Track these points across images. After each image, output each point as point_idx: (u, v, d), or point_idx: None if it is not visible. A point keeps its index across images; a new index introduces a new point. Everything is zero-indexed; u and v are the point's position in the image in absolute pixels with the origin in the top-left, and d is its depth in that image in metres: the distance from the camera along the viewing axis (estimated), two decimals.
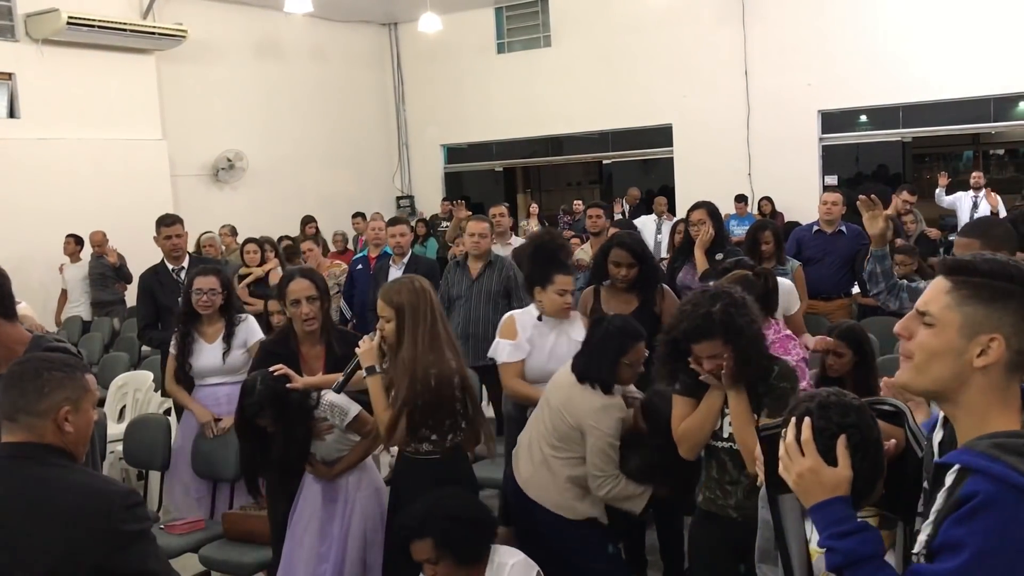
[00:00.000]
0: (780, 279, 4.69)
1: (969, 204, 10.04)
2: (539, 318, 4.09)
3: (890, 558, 1.63)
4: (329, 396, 3.45)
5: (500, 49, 14.32)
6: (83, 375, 2.16)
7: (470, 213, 10.35)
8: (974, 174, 10.41)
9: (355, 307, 7.10)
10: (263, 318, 5.17)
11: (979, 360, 1.51)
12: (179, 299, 4.98)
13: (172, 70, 11.48)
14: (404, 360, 3.14)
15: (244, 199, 11.97)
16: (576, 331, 3.99)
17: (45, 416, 2.06)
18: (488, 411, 5.94)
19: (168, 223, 6.04)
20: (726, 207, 10.84)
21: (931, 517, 1.53)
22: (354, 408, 3.46)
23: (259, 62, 12.75)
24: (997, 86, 10.77)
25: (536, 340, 4.07)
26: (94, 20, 10.20)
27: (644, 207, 13.67)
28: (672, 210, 11.90)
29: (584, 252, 7.29)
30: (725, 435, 2.98)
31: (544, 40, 13.86)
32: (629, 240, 4.44)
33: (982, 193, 9.93)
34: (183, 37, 11.16)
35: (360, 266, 7.29)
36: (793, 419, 1.75)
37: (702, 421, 2.97)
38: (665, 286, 4.60)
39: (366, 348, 3.23)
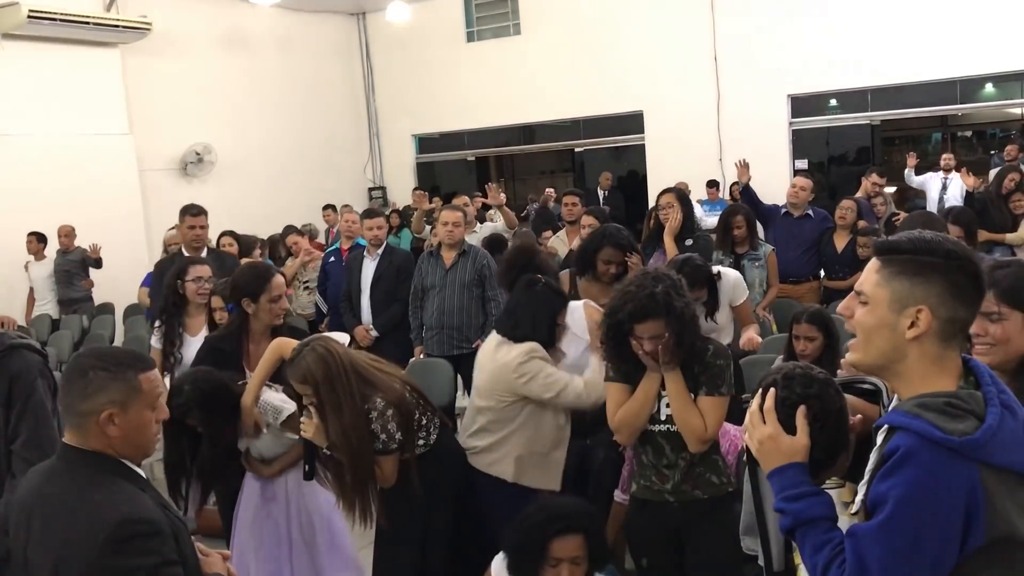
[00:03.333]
0: (728, 270, 4.74)
1: (939, 186, 10.15)
2: None
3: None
4: (265, 395, 3.43)
5: (470, 38, 14.25)
6: (137, 374, 2.00)
7: (432, 204, 10.33)
8: (944, 156, 10.52)
9: (329, 300, 7.08)
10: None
11: (910, 332, 1.60)
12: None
13: (137, 63, 11.31)
14: (337, 437, 3.04)
15: (214, 193, 11.81)
16: (577, 325, 3.85)
17: (88, 418, 1.94)
18: (463, 400, 5.95)
19: (194, 213, 5.91)
20: (698, 192, 10.91)
21: (866, 477, 1.62)
22: (288, 407, 3.42)
23: (226, 54, 12.60)
24: (963, 69, 10.86)
25: None
26: (56, 13, 10.01)
27: (619, 193, 13.70)
28: (644, 197, 11.94)
29: (560, 240, 7.30)
30: (662, 417, 3.00)
31: (514, 28, 13.82)
32: (620, 238, 4.37)
33: (952, 175, 10.05)
34: (148, 30, 11.00)
35: (332, 259, 7.26)
36: (760, 390, 1.83)
37: (640, 406, 3.00)
38: None
39: (311, 429, 3.13)
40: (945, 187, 10.04)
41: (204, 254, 5.82)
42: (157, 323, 4.76)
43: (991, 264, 2.36)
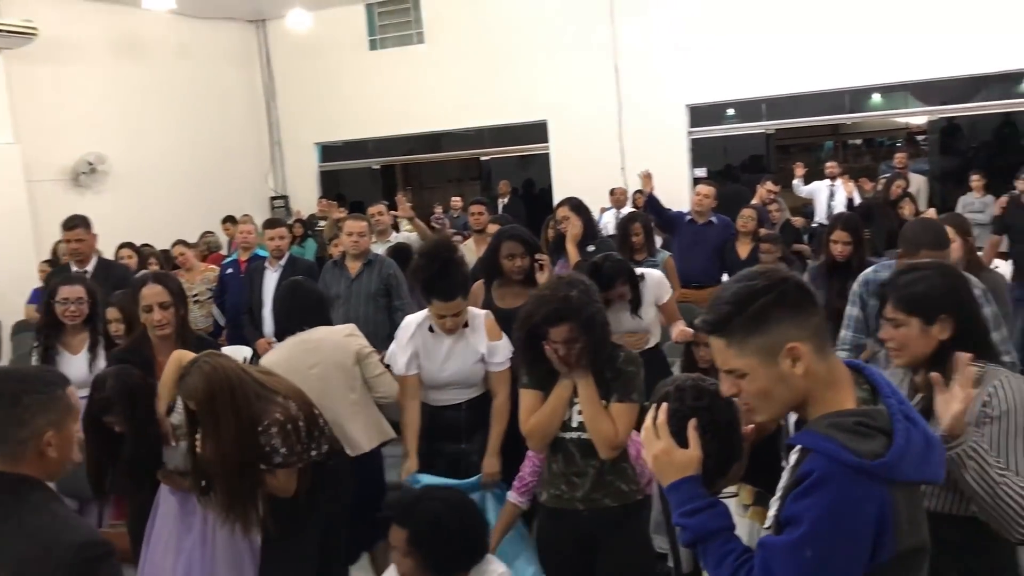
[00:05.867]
0: (650, 270, 4.83)
1: (826, 193, 10.56)
2: (431, 328, 3.92)
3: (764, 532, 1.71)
4: (178, 404, 3.34)
5: (373, 46, 14.15)
6: (64, 390, 1.96)
7: (344, 212, 10.21)
8: (828, 164, 10.95)
9: (227, 312, 6.92)
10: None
11: (797, 368, 1.63)
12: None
13: (23, 70, 10.83)
14: (211, 456, 2.97)
15: (108, 204, 11.41)
16: (476, 336, 3.86)
17: (26, 443, 1.86)
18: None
19: (68, 226, 5.85)
20: (602, 200, 11.06)
21: (778, 493, 1.65)
22: None
23: (119, 61, 12.18)
24: (852, 79, 11.31)
25: (432, 351, 3.92)
26: None
27: (522, 202, 13.79)
28: (550, 205, 12.03)
29: (467, 248, 7.31)
30: (574, 424, 3.02)
31: (417, 37, 13.77)
32: (518, 232, 4.46)
33: (838, 182, 10.47)
34: (34, 35, 10.54)
35: (230, 270, 7.09)
36: (655, 404, 1.86)
37: (552, 412, 3.01)
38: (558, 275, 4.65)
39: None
40: (832, 194, 10.45)
41: (91, 266, 5.68)
42: (35, 343, 4.67)
43: (895, 271, 2.46)
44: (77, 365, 4.39)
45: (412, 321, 3.99)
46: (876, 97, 12.13)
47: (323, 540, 3.38)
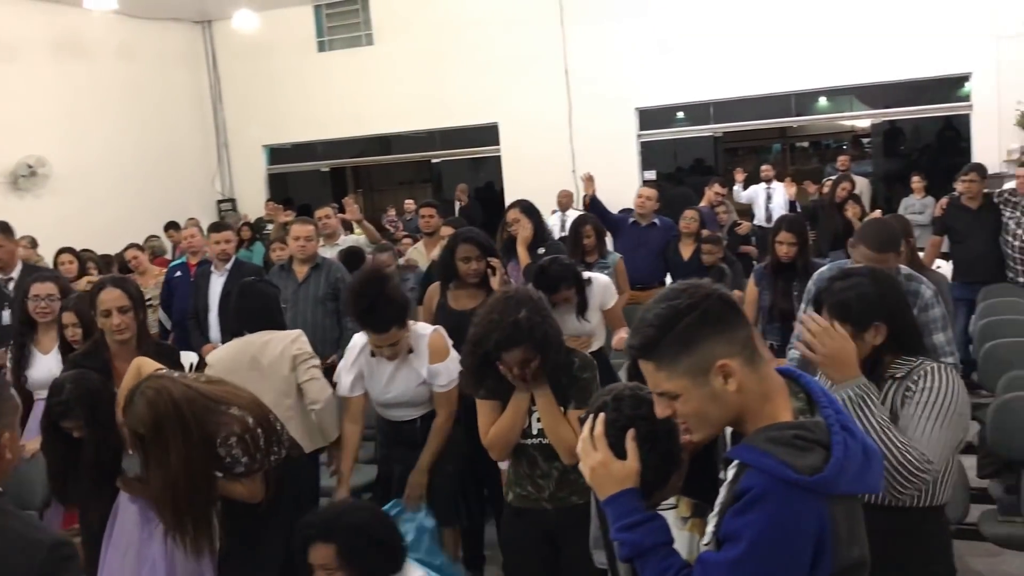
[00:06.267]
0: (597, 275, 4.85)
1: (764, 196, 10.74)
2: (373, 353, 3.84)
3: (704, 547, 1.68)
4: None
5: (321, 47, 14.05)
6: (10, 391, 1.91)
7: (291, 215, 10.10)
8: (763, 167, 11.13)
9: (174, 317, 6.80)
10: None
11: (730, 385, 1.60)
12: (5, 311, 4.87)
13: None
14: (157, 489, 2.89)
15: (49, 208, 11.18)
16: (419, 359, 3.78)
17: None
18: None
19: None
20: (554, 203, 11.10)
21: (716, 509, 1.62)
22: None
23: (60, 62, 11.91)
24: (798, 83, 11.50)
25: (376, 373, 3.85)
26: None
27: (477, 204, 13.76)
28: (502, 208, 12.02)
29: (417, 251, 7.28)
30: (534, 431, 3.02)
31: (366, 38, 13.70)
32: (474, 234, 4.43)
33: (774, 185, 10.65)
34: None
35: (179, 273, 6.97)
36: (592, 414, 1.81)
37: (511, 423, 3.01)
38: (510, 279, 4.65)
39: None
40: (770, 197, 10.63)
41: (15, 273, 5.58)
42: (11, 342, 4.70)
43: (828, 277, 2.49)
44: (48, 364, 4.36)
45: (358, 342, 3.90)
46: (822, 100, 12.35)
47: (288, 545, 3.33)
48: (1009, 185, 7.57)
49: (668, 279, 6.98)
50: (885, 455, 2.16)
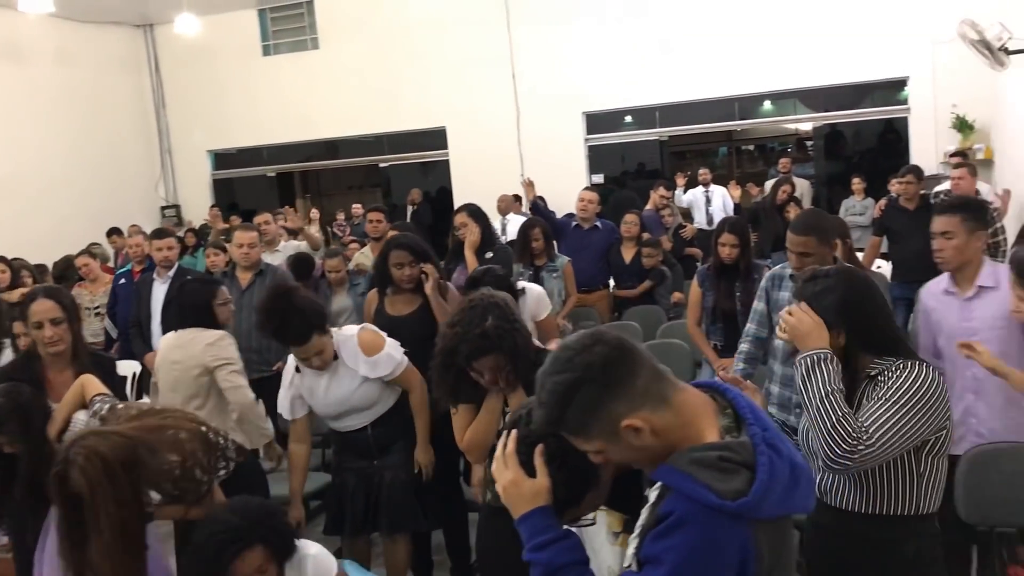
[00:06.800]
0: (532, 285, 4.87)
1: (703, 200, 10.89)
2: (297, 368, 3.82)
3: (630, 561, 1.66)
4: (80, 416, 3.20)
5: (266, 51, 13.90)
6: None
7: (228, 223, 9.96)
8: (701, 171, 11.31)
9: (119, 325, 6.70)
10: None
11: (643, 436, 1.56)
12: None
13: None
14: (97, 559, 2.69)
15: None
16: (351, 359, 3.76)
17: None
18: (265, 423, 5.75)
19: None
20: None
21: (637, 531, 1.59)
22: None
23: None
24: (741, 87, 11.66)
25: (313, 387, 3.82)
26: None
27: (428, 208, 13.75)
28: (452, 212, 12.01)
29: (365, 256, 7.25)
30: None
31: (312, 42, 13.59)
32: (406, 240, 4.42)
33: (711, 188, 10.82)
34: None
35: (123, 281, 6.88)
36: (505, 431, 1.78)
37: (486, 426, 3.00)
38: (448, 283, 4.64)
39: None
40: (709, 200, 10.79)
41: None
42: None
43: (802, 277, 2.52)
44: None
45: (292, 363, 3.87)
46: (766, 104, 12.54)
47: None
48: (943, 187, 7.76)
49: (612, 282, 7.07)
50: (818, 421, 2.16)
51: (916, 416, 2.17)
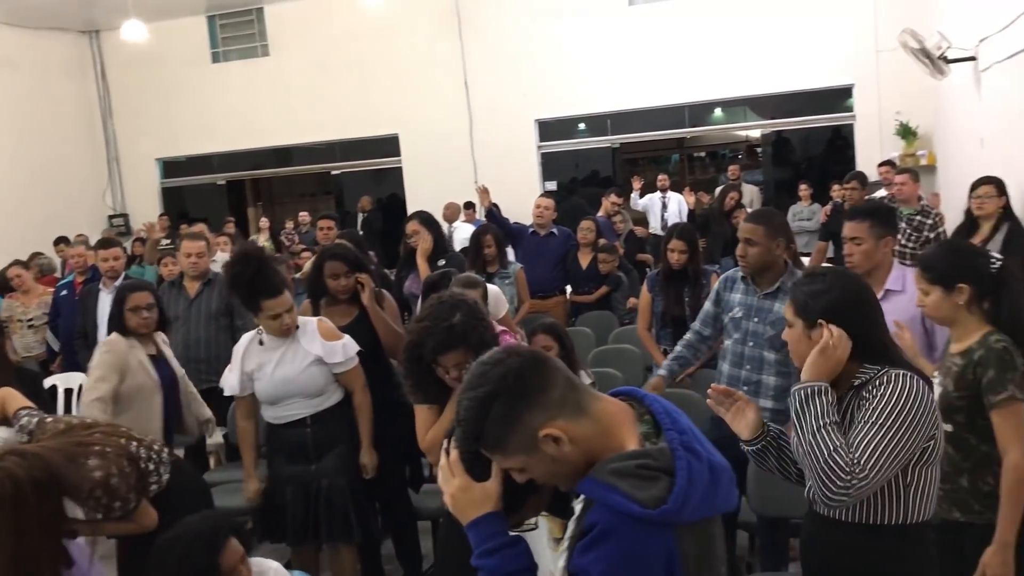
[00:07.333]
0: (489, 286, 4.88)
1: (660, 205, 11.01)
2: (260, 342, 3.89)
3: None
4: (0, 433, 3.13)
5: (216, 58, 13.76)
6: None
7: (160, 235, 9.76)
8: (659, 177, 11.42)
9: (61, 336, 6.57)
10: None
11: (563, 446, 1.57)
12: None
13: None
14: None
15: None
16: (308, 340, 3.85)
17: None
18: (216, 436, 5.67)
19: None
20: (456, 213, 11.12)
21: (566, 543, 1.60)
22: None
23: None
24: (691, 95, 11.80)
25: (263, 363, 3.88)
26: None
27: (379, 215, 13.70)
28: (403, 219, 11.99)
29: None
30: None
31: (262, 49, 13.48)
32: (340, 250, 4.40)
33: (668, 194, 10.94)
34: None
35: (65, 292, 6.75)
36: (449, 438, 1.76)
37: (449, 426, 2.99)
38: (384, 291, 4.61)
39: None
40: (665, 206, 10.91)
41: None
42: None
43: (802, 276, 2.54)
44: None
45: (243, 340, 3.94)
46: (717, 111, 12.71)
47: None
48: (881, 193, 7.92)
49: (568, 288, 7.11)
50: (811, 457, 2.12)
51: (905, 435, 2.14)
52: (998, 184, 5.21)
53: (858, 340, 2.24)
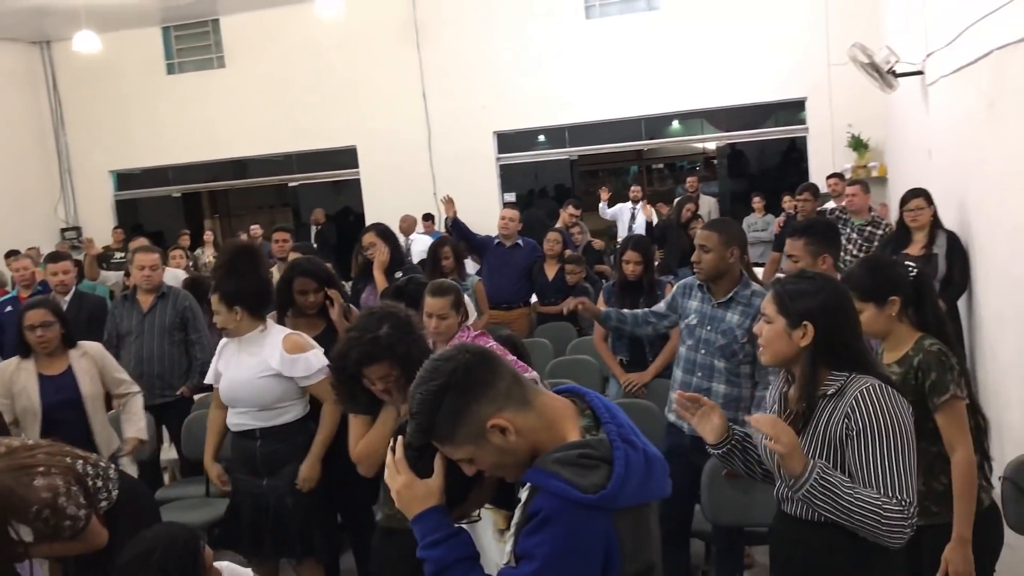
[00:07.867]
0: None
1: (628, 216, 11.07)
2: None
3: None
4: None
5: (170, 70, 13.62)
6: None
7: (100, 250, 9.57)
8: (632, 188, 11.49)
9: (6, 355, 6.42)
10: None
11: (510, 436, 1.67)
12: None
13: None
14: None
15: None
16: (270, 351, 3.80)
17: None
18: (171, 452, 5.60)
19: None
20: (415, 225, 11.10)
21: (512, 529, 1.70)
22: None
23: None
24: (648, 108, 11.92)
25: (228, 362, 3.90)
26: None
27: (335, 228, 13.63)
28: (360, 230, 11.94)
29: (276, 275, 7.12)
30: None
31: (218, 61, 13.38)
32: (310, 266, 4.39)
33: (639, 205, 11.00)
34: None
35: (9, 308, 6.60)
36: (395, 436, 1.83)
37: (379, 438, 2.97)
38: (351, 305, 4.61)
39: None
40: (634, 217, 10.98)
41: None
42: None
43: (788, 275, 2.56)
44: None
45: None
46: (675, 124, 12.85)
47: None
48: (830, 204, 8.06)
49: (534, 298, 7.12)
50: (868, 522, 2.13)
51: (909, 444, 2.20)
52: (926, 196, 5.42)
53: (836, 346, 2.29)
